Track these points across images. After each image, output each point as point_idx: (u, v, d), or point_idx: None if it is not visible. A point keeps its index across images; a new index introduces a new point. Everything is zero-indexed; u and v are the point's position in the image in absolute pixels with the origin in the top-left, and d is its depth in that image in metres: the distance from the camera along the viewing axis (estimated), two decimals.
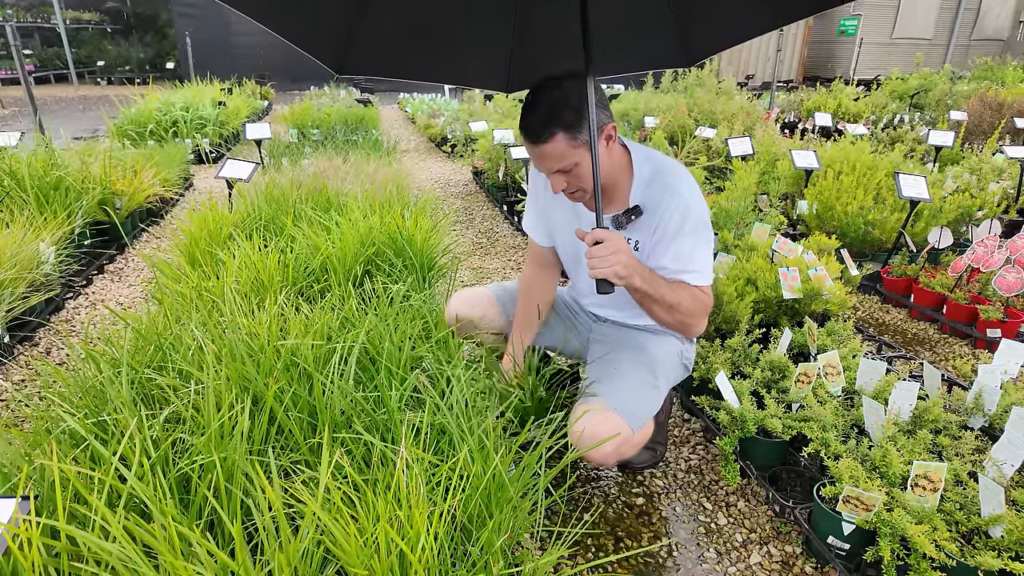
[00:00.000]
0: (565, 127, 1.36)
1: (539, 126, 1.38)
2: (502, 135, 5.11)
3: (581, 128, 1.37)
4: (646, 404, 1.60)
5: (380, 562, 1.04)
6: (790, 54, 16.56)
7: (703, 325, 1.58)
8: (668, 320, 1.52)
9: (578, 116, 1.36)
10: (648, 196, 1.52)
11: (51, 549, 1.07)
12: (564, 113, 1.36)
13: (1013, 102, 6.37)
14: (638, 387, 1.60)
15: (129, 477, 1.05)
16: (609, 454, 1.48)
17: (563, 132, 1.36)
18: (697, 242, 1.49)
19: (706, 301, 1.53)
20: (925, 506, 1.42)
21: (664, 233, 1.50)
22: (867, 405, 1.71)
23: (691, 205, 1.48)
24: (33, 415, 1.46)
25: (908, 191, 3.19)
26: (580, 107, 1.36)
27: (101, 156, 3.95)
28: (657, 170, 1.54)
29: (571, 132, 1.37)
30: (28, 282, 2.72)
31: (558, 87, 1.39)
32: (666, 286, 1.46)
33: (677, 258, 1.49)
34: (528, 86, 1.62)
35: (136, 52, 18.55)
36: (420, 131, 9.50)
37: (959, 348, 2.76)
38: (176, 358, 1.57)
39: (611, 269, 1.32)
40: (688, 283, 1.50)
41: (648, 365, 1.64)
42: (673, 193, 1.49)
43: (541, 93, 1.41)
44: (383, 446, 1.30)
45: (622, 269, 1.33)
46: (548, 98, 1.39)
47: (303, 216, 2.87)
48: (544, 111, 1.38)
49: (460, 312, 1.91)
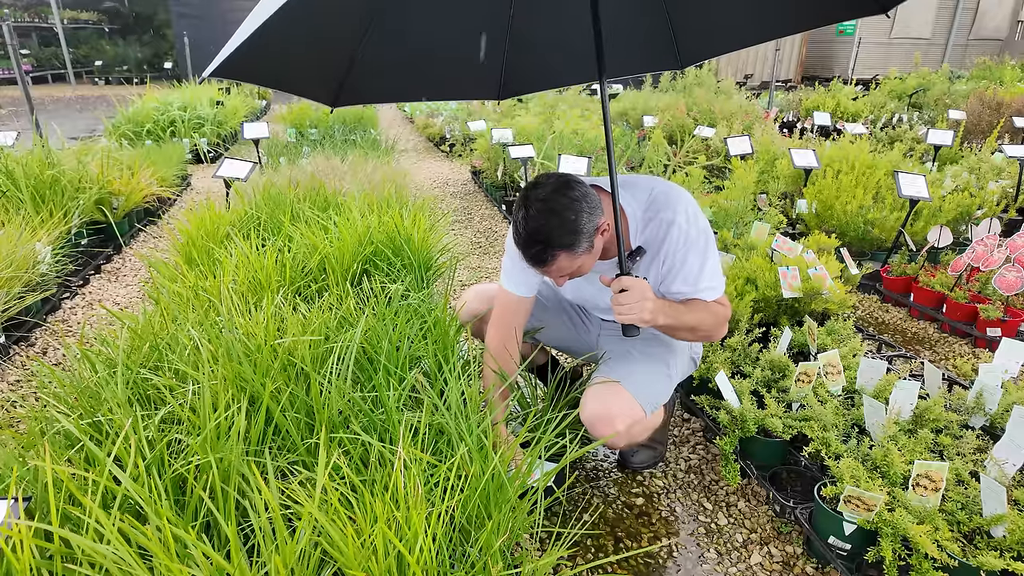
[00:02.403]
0: (565, 248, 1.36)
1: (541, 254, 1.38)
2: (501, 134, 5.10)
3: (581, 241, 1.37)
4: (659, 389, 1.63)
5: (378, 564, 1.03)
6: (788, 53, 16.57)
7: (725, 331, 1.60)
8: (692, 338, 1.59)
9: (575, 236, 1.36)
10: (648, 236, 1.53)
11: (44, 551, 1.06)
12: (562, 238, 1.35)
13: (1012, 101, 6.37)
14: (652, 373, 1.63)
15: (123, 478, 1.04)
16: (621, 433, 1.51)
17: (564, 252, 1.37)
18: (704, 261, 1.50)
19: (724, 312, 1.55)
20: (927, 506, 1.41)
21: (672, 265, 1.51)
22: (868, 404, 1.71)
23: (690, 231, 1.49)
24: (28, 416, 1.45)
25: (907, 190, 3.18)
26: (575, 226, 1.35)
27: (98, 156, 3.93)
28: (650, 206, 1.52)
29: (571, 250, 1.37)
30: (24, 282, 2.71)
31: (552, 213, 1.35)
32: (686, 312, 1.48)
33: (687, 280, 1.51)
34: (521, 92, 1.61)
35: (134, 52, 18.51)
36: (418, 130, 9.49)
37: (959, 347, 2.75)
38: (172, 358, 1.56)
39: (638, 316, 1.37)
40: (704, 299, 1.52)
41: (661, 355, 1.67)
42: (671, 227, 1.49)
43: (535, 223, 1.36)
44: (381, 446, 1.29)
45: (648, 315, 1.38)
46: (544, 227, 1.36)
47: (301, 215, 2.86)
48: (544, 240, 1.36)
49: (474, 307, 1.93)
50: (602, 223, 1.41)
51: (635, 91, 9.11)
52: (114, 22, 19.10)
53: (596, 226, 1.39)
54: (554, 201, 1.36)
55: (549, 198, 1.36)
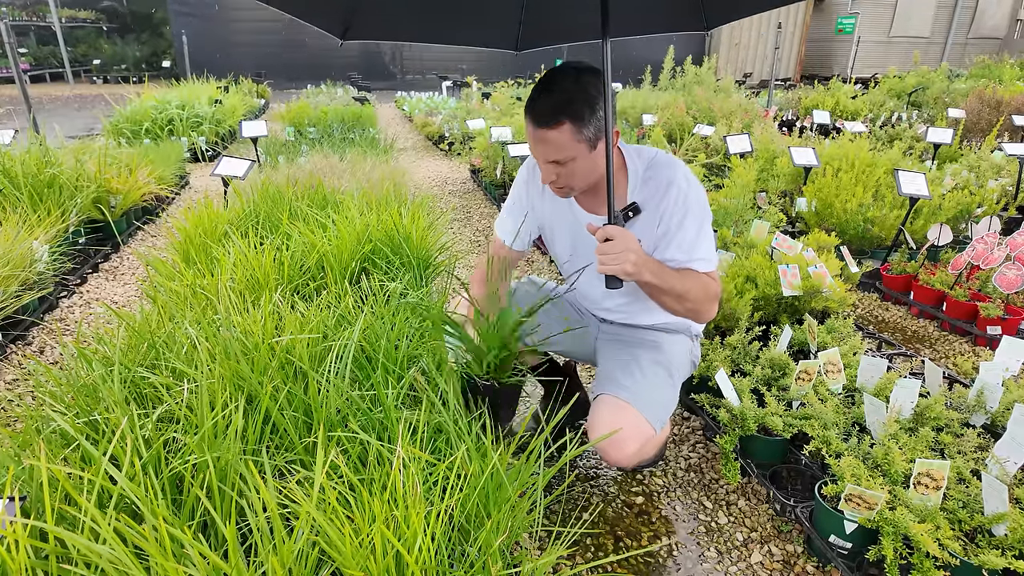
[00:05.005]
0: (575, 118, 1.33)
1: (549, 111, 1.35)
2: (500, 133, 5.09)
3: (589, 125, 1.35)
4: (667, 403, 1.59)
5: (376, 563, 1.02)
6: (788, 52, 16.56)
7: (714, 311, 1.55)
8: (679, 309, 1.50)
9: (590, 112, 1.34)
10: (646, 193, 1.51)
11: (40, 551, 1.05)
12: (577, 105, 1.33)
13: (1011, 100, 6.37)
14: (659, 387, 1.58)
15: (119, 478, 1.03)
16: (632, 455, 1.47)
17: (571, 123, 1.34)
18: (700, 229, 1.48)
19: (714, 287, 1.51)
20: (928, 504, 1.40)
21: (668, 227, 1.48)
22: (869, 403, 1.70)
23: (689, 195, 1.47)
24: (24, 415, 1.44)
25: (907, 188, 3.18)
26: (594, 105, 1.34)
27: (96, 154, 3.92)
28: (651, 165, 1.52)
29: (579, 125, 1.34)
30: (21, 280, 2.69)
31: (577, 79, 1.36)
32: (676, 277, 1.44)
33: (682, 247, 1.48)
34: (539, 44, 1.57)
35: (132, 50, 18.47)
36: (417, 129, 9.47)
37: (959, 345, 2.75)
38: (170, 356, 1.55)
39: (620, 267, 1.32)
40: (696, 270, 1.48)
41: (664, 364, 1.62)
42: (670, 186, 1.47)
43: (558, 79, 1.37)
44: (379, 445, 1.28)
45: (631, 267, 1.33)
46: (564, 86, 1.35)
47: (299, 214, 2.85)
48: (558, 97, 1.34)
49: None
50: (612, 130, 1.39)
51: (635, 89, 9.11)
52: (112, 21, 19.05)
53: (606, 126, 1.36)
54: (585, 79, 1.36)
55: (582, 75, 1.37)
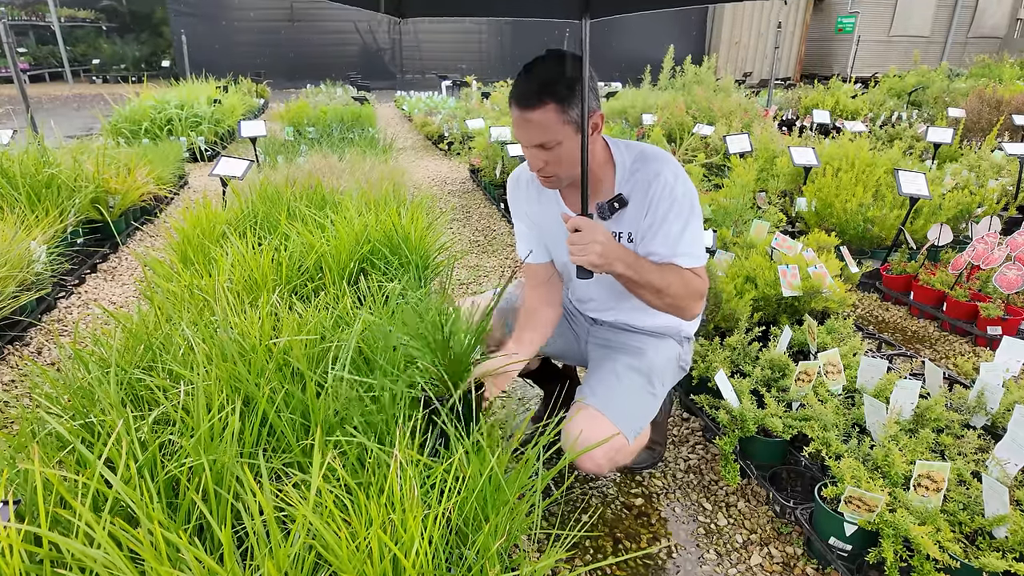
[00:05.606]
0: (558, 99, 1.33)
1: (533, 92, 1.35)
2: (499, 132, 5.08)
3: (573, 106, 1.35)
4: (642, 412, 1.56)
5: (373, 567, 1.01)
6: (788, 51, 16.55)
7: (699, 307, 1.54)
8: (658, 304, 1.48)
9: (573, 94, 1.35)
10: (633, 185, 1.50)
11: (34, 556, 1.04)
12: (560, 86, 1.34)
13: (1011, 99, 6.36)
14: (635, 395, 1.56)
15: (115, 481, 1.03)
16: (603, 463, 1.45)
17: (555, 104, 1.34)
18: (686, 225, 1.47)
19: (698, 284, 1.50)
20: (928, 506, 1.39)
21: (653, 219, 1.48)
22: (869, 404, 1.69)
23: (676, 188, 1.46)
24: (20, 417, 1.43)
25: (907, 188, 3.17)
26: (576, 87, 1.35)
27: (94, 154, 3.91)
28: (639, 158, 1.52)
29: (563, 107, 1.34)
30: (19, 281, 2.68)
31: (559, 62, 1.37)
32: (654, 271, 1.43)
33: (666, 242, 1.47)
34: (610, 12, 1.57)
35: (131, 50, 18.46)
36: (417, 129, 9.46)
37: (959, 346, 2.74)
38: (166, 358, 1.54)
39: (586, 258, 1.34)
40: (680, 266, 1.47)
41: (645, 372, 1.60)
42: (658, 179, 1.47)
43: (540, 64, 1.39)
44: (377, 448, 1.28)
45: (597, 258, 1.34)
46: (547, 68, 1.37)
47: (298, 214, 2.84)
48: (541, 79, 1.35)
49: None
50: (597, 114, 1.41)
51: (634, 89, 9.10)
52: (112, 20, 19.06)
53: (591, 109, 1.37)
54: (566, 61, 1.37)
55: (564, 55, 1.38)
